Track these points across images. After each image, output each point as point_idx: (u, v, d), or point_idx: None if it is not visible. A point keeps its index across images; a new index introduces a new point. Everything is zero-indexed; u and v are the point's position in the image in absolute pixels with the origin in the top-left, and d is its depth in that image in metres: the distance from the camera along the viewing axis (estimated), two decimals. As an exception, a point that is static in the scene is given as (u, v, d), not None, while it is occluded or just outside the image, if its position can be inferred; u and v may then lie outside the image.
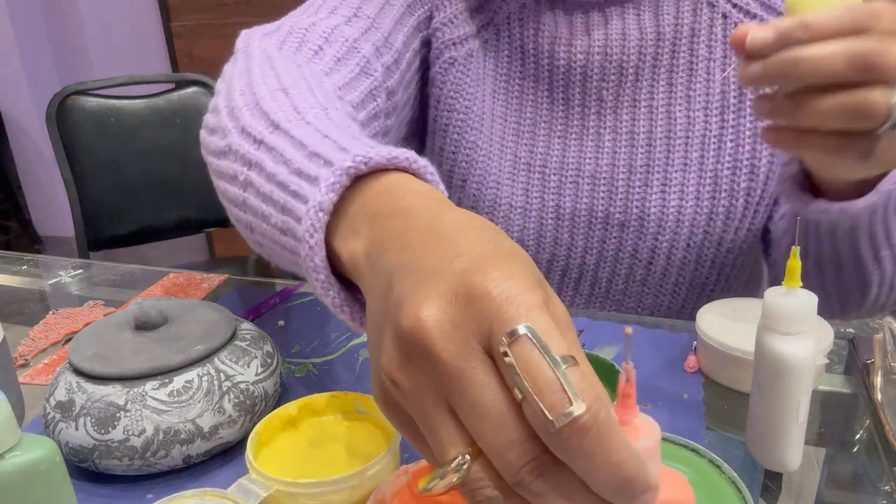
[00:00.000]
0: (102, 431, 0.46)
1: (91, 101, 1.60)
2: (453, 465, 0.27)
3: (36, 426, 0.55)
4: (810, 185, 0.57)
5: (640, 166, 0.69)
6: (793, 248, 0.41)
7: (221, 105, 0.51)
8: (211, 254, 2.81)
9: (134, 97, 1.64)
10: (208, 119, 0.54)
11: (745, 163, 0.68)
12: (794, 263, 0.42)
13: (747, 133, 0.68)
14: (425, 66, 0.73)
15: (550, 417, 0.24)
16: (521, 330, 0.25)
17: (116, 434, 0.46)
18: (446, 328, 0.26)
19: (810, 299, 0.42)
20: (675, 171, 0.69)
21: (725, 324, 0.57)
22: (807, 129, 0.44)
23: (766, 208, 0.71)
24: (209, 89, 1.65)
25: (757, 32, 0.41)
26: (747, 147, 0.68)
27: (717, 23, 0.68)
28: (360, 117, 0.60)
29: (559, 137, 0.72)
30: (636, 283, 0.73)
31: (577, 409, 0.24)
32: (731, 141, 0.68)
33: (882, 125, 0.40)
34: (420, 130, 0.79)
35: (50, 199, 2.87)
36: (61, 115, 1.57)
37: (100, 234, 1.63)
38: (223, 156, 0.48)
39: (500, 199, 0.72)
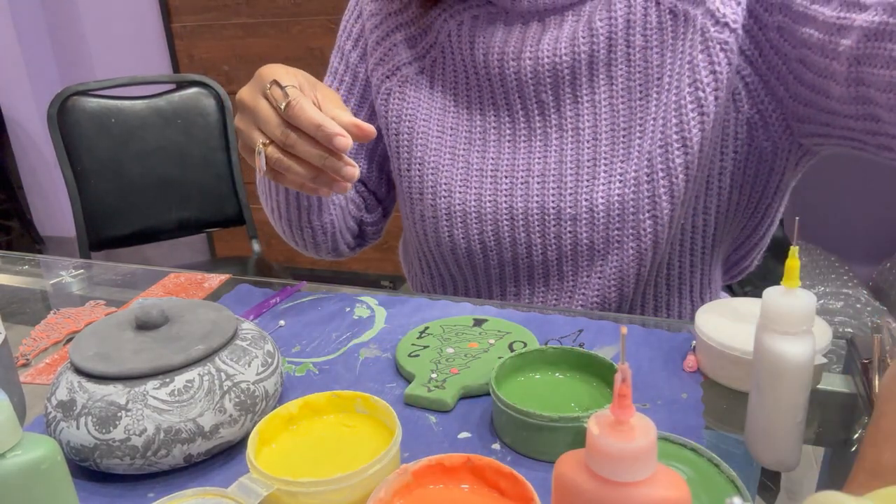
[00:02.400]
0: (103, 431, 0.46)
1: (92, 102, 1.60)
2: (258, 146, 0.60)
3: (37, 425, 0.55)
4: None
5: (587, 160, 0.71)
6: (791, 247, 0.42)
7: None
8: (212, 254, 2.82)
9: (135, 98, 1.64)
10: None
11: (675, 137, 0.67)
12: (793, 263, 0.42)
13: (672, 108, 0.68)
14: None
15: (281, 105, 0.58)
16: (273, 81, 0.60)
17: (117, 433, 0.46)
18: (246, 90, 0.62)
19: (809, 299, 0.42)
20: (619, 162, 0.70)
21: (724, 323, 0.57)
22: None
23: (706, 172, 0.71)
24: (210, 90, 1.65)
25: None
26: (673, 121, 0.67)
27: (651, 11, 0.68)
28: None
29: (509, 142, 0.74)
30: (597, 276, 0.73)
31: (290, 97, 0.58)
32: (662, 118, 0.68)
33: None
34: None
35: (51, 199, 2.87)
36: (62, 115, 1.57)
37: (101, 234, 1.63)
38: None
39: (454, 206, 0.75)
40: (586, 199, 0.70)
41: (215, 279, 0.82)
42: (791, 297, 0.42)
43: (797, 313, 0.42)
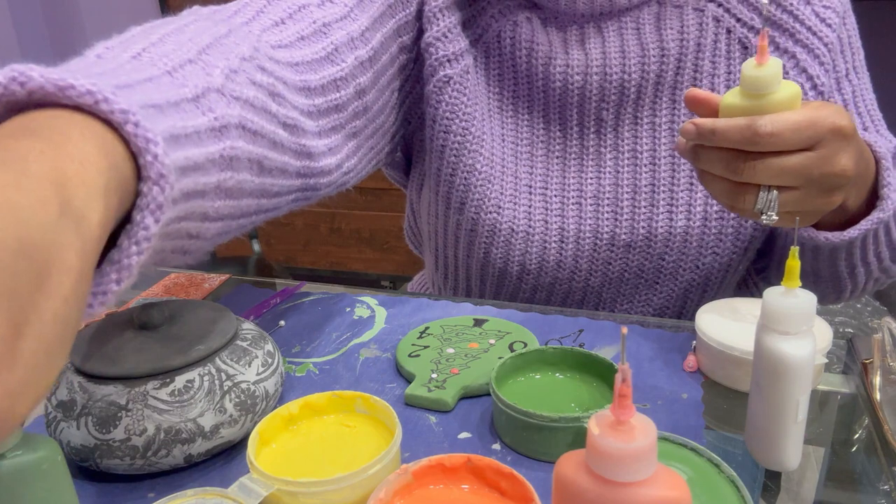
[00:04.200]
0: (104, 431, 0.46)
1: (92, 102, 1.60)
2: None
3: (37, 425, 0.55)
4: None
5: (645, 186, 0.68)
6: (791, 248, 0.42)
7: None
8: (212, 254, 2.82)
9: (135, 97, 1.64)
10: None
11: None
12: (794, 263, 0.42)
13: None
14: (407, 78, 0.71)
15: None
16: None
17: (118, 433, 0.46)
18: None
19: (809, 299, 0.42)
20: (681, 191, 0.67)
21: (725, 323, 0.57)
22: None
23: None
24: (210, 90, 1.65)
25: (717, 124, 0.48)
26: None
27: (721, 38, 0.66)
28: (317, 102, 0.56)
29: (558, 158, 0.70)
30: (640, 304, 0.72)
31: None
32: None
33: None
34: (409, 148, 0.78)
35: (51, 199, 2.87)
36: (62, 115, 1.57)
37: (101, 235, 1.63)
38: None
39: (501, 223, 0.69)
40: (644, 227, 0.68)
41: (215, 279, 0.82)
42: (791, 297, 0.42)
43: (797, 313, 0.42)
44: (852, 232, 0.57)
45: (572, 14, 0.67)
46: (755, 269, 0.80)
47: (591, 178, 0.69)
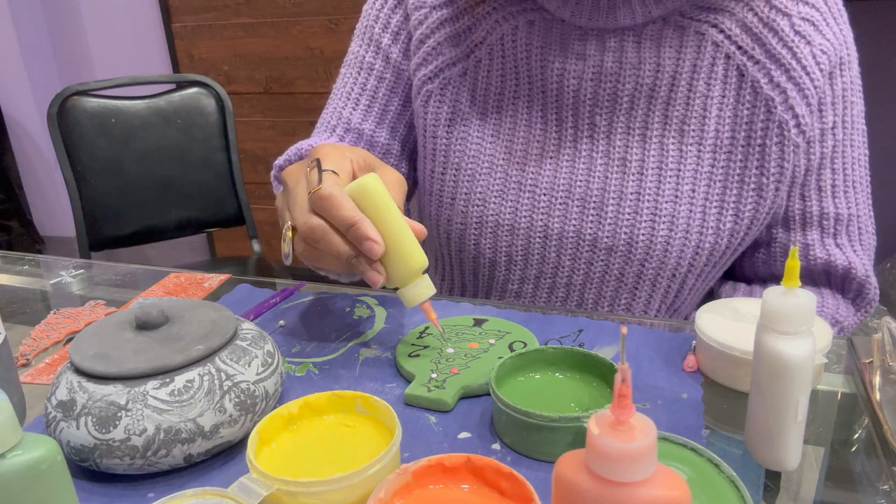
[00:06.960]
0: (103, 431, 0.46)
1: (92, 102, 1.60)
2: (284, 230, 0.58)
3: (37, 425, 0.55)
4: None
5: (631, 193, 0.70)
6: (791, 248, 0.42)
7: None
8: (212, 254, 2.82)
9: (135, 98, 1.64)
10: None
11: (731, 205, 0.69)
12: (793, 263, 0.42)
13: (735, 176, 0.69)
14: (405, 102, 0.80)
15: (310, 190, 0.54)
16: (315, 161, 0.56)
17: (117, 433, 0.46)
18: (293, 167, 0.61)
19: (809, 299, 0.42)
20: (666, 202, 0.69)
21: (724, 323, 0.57)
22: None
23: (743, 249, 0.75)
24: (210, 90, 1.65)
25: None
26: (734, 190, 0.69)
27: (718, 62, 0.68)
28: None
29: (551, 158, 0.72)
30: (621, 307, 0.74)
31: (321, 185, 0.53)
32: (720, 182, 0.69)
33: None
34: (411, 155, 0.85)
35: (51, 199, 2.87)
36: (62, 115, 1.57)
37: (101, 234, 1.63)
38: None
39: (487, 216, 0.73)
40: (626, 233, 0.70)
41: (215, 279, 0.82)
42: (791, 297, 0.42)
43: (797, 313, 0.42)
44: None
45: (576, 24, 0.69)
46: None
47: (581, 181, 0.71)
